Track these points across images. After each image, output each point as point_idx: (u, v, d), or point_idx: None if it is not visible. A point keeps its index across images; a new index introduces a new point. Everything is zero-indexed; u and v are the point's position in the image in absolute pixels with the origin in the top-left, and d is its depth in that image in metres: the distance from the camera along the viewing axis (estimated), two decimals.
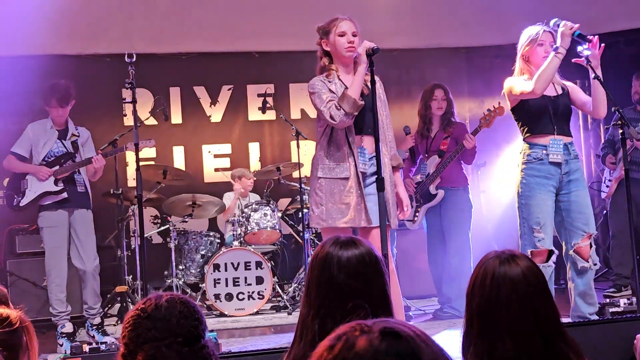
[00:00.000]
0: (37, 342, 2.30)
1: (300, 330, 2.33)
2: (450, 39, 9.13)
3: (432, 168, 6.67)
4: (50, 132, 6.53)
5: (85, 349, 4.82)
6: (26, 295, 7.35)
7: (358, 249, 2.34)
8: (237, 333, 6.57)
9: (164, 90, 8.78)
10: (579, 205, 5.24)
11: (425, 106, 6.80)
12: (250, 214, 7.58)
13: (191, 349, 2.02)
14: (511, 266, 2.17)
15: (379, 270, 2.35)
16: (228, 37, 8.60)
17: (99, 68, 8.47)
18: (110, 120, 8.32)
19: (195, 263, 7.68)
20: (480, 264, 2.23)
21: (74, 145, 6.58)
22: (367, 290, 2.30)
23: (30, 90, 8.22)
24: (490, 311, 2.14)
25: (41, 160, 6.46)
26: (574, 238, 5.25)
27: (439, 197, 6.64)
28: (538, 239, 5.20)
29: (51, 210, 6.41)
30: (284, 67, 8.98)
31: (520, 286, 2.14)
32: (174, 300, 2.08)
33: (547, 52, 5.17)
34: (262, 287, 7.32)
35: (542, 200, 5.21)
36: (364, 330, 1.25)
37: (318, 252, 2.38)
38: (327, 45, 4.86)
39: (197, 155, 9.06)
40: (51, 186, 6.40)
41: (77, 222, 6.47)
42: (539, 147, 5.24)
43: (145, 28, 8.31)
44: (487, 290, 2.16)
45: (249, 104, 9.15)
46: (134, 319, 2.05)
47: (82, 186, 6.56)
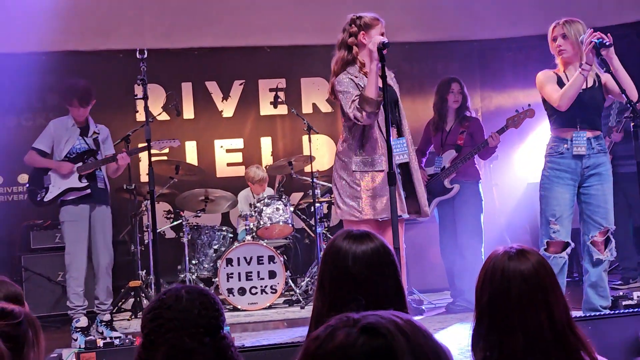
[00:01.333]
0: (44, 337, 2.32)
1: (315, 324, 2.34)
2: (461, 32, 9.11)
3: (447, 162, 6.67)
4: (72, 130, 6.61)
5: (99, 344, 4.85)
6: (41, 290, 7.42)
7: (373, 242, 2.36)
8: (250, 327, 6.60)
9: (176, 85, 8.80)
10: (598, 200, 5.28)
11: (441, 99, 6.80)
12: (262, 208, 7.60)
13: (213, 339, 2.04)
14: (521, 261, 2.17)
15: (393, 262, 2.38)
16: (239, 32, 8.60)
17: (111, 64, 8.50)
18: (122, 116, 8.34)
19: (208, 257, 7.71)
20: (489, 260, 2.23)
21: (96, 142, 6.66)
22: (382, 281, 2.32)
23: (44, 86, 8.31)
24: (500, 306, 2.14)
25: (63, 157, 6.54)
26: (592, 231, 5.29)
27: (454, 191, 6.64)
28: (553, 230, 5.24)
29: (74, 205, 6.49)
30: (295, 62, 8.98)
31: (531, 280, 2.14)
32: (194, 291, 2.10)
33: (560, 45, 5.20)
34: (275, 281, 7.34)
35: (560, 194, 5.25)
36: (348, 324, 1.25)
37: (331, 245, 2.39)
38: (365, 38, 4.85)
39: (210, 150, 9.07)
40: (76, 182, 6.48)
41: (97, 218, 6.55)
42: (561, 140, 5.28)
43: (157, 23, 8.34)
44: (496, 285, 2.16)
45: (261, 99, 9.16)
46: (155, 310, 2.07)
47: (102, 182, 6.64)
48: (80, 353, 4.83)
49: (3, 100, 8.25)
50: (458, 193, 6.65)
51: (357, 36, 4.89)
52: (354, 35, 4.90)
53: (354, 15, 4.95)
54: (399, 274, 2.37)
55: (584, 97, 5.24)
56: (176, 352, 2.01)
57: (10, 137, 8.16)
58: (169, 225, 8.17)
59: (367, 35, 4.85)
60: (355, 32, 4.90)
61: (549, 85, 5.30)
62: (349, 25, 4.93)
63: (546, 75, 5.37)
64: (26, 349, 2.25)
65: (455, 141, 6.68)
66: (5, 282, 2.63)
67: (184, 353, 2.01)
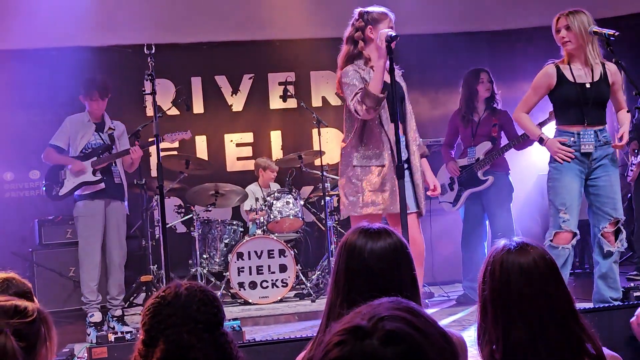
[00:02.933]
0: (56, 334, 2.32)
1: (327, 316, 2.36)
2: (472, 23, 9.07)
3: (481, 154, 6.66)
4: (87, 125, 6.65)
5: (110, 339, 4.87)
6: (52, 285, 7.45)
7: (390, 238, 2.38)
8: (262, 321, 6.61)
9: (185, 80, 8.81)
10: (607, 190, 5.26)
11: (470, 90, 6.77)
12: (272, 202, 7.60)
13: (212, 335, 2.06)
14: (520, 254, 2.18)
15: (409, 257, 2.39)
16: (248, 26, 8.61)
17: (120, 59, 8.52)
18: (132, 111, 8.37)
19: (219, 252, 7.72)
20: (490, 254, 2.25)
21: (111, 138, 6.69)
22: (398, 276, 2.34)
23: (54, 82, 8.32)
24: (502, 299, 2.16)
25: (79, 152, 6.57)
26: (601, 222, 5.27)
27: (488, 183, 6.64)
28: (563, 219, 5.23)
29: (88, 200, 6.52)
30: (304, 55, 8.96)
31: (531, 273, 2.15)
32: (193, 288, 2.11)
33: (563, 37, 5.19)
34: (286, 274, 7.35)
35: (569, 183, 5.25)
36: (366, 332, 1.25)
37: (347, 240, 2.40)
38: (372, 33, 4.83)
39: (220, 145, 9.08)
40: (89, 177, 6.51)
41: (112, 214, 6.58)
42: (568, 134, 5.26)
43: (167, 18, 8.35)
44: (497, 278, 2.18)
45: (270, 93, 9.16)
46: (154, 306, 2.08)
47: (118, 178, 6.67)
48: (92, 348, 4.85)
49: (13, 96, 8.28)
50: (491, 184, 6.65)
51: (364, 31, 4.87)
52: (361, 30, 4.87)
53: (361, 10, 4.93)
54: (413, 267, 2.39)
55: (590, 93, 5.21)
56: (175, 348, 2.02)
57: (20, 133, 8.19)
58: (179, 220, 8.19)
59: (374, 30, 4.82)
60: (362, 27, 4.87)
61: (530, 94, 5.40)
62: (357, 20, 4.91)
63: (540, 77, 5.37)
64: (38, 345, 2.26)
65: (489, 133, 6.68)
66: (14, 279, 2.64)
67: (183, 349, 2.02)
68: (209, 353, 2.04)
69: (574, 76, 5.22)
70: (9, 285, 2.59)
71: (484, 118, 6.73)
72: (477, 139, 6.70)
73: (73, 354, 5.25)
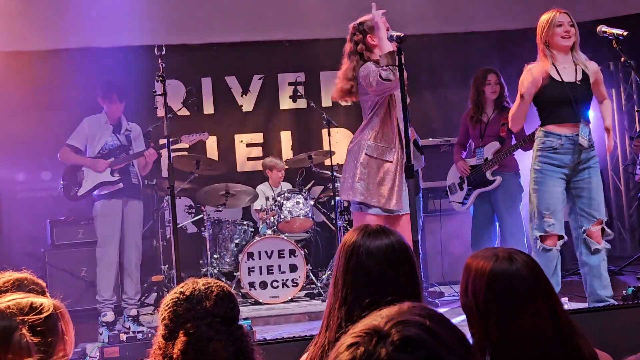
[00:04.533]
0: (73, 329, 2.36)
1: (327, 319, 2.34)
2: (480, 23, 9.07)
3: (490, 154, 6.65)
4: (105, 127, 6.72)
5: (122, 338, 4.90)
6: (64, 285, 7.46)
7: (388, 238, 2.36)
8: (272, 320, 6.63)
9: (195, 80, 8.83)
10: (590, 192, 5.27)
11: (477, 92, 6.77)
12: (282, 202, 7.62)
13: (229, 329, 2.14)
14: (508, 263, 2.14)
15: (409, 258, 2.36)
16: (258, 26, 8.63)
17: (131, 60, 8.54)
18: (143, 112, 8.37)
19: (229, 252, 7.74)
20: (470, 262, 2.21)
21: (128, 139, 6.75)
22: (397, 276, 2.31)
23: (65, 83, 8.36)
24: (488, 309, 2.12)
25: (97, 153, 6.64)
26: (584, 224, 5.27)
27: (496, 183, 6.61)
28: (548, 224, 5.23)
29: (106, 200, 6.57)
30: (314, 55, 8.98)
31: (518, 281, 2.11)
32: (209, 284, 2.20)
33: (567, 30, 5.20)
34: (296, 274, 7.37)
35: (553, 187, 5.27)
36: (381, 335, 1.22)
37: (346, 241, 2.39)
38: (374, 40, 4.93)
39: (230, 145, 9.10)
40: (108, 177, 6.58)
41: (129, 213, 6.65)
42: (555, 136, 5.26)
43: (177, 19, 8.39)
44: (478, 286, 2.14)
45: (280, 93, 9.17)
46: (173, 301, 2.16)
47: (136, 178, 6.75)
48: (104, 347, 4.89)
49: (25, 97, 8.32)
50: (500, 185, 6.64)
51: (365, 41, 4.98)
52: (362, 42, 4.99)
53: (354, 23, 5.04)
54: (415, 270, 2.36)
55: (578, 91, 5.22)
56: (196, 340, 2.09)
57: (32, 134, 8.22)
58: (190, 220, 8.22)
59: (374, 36, 4.93)
60: (361, 39, 4.99)
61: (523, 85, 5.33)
62: (354, 35, 5.03)
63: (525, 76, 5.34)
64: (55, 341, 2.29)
65: (497, 132, 6.66)
66: (26, 279, 2.67)
67: (203, 341, 2.09)
68: (227, 345, 2.12)
69: (560, 75, 5.24)
70: (22, 284, 2.62)
71: (492, 118, 6.72)
72: (486, 139, 6.69)
73: (85, 353, 5.29)
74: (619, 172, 9.25)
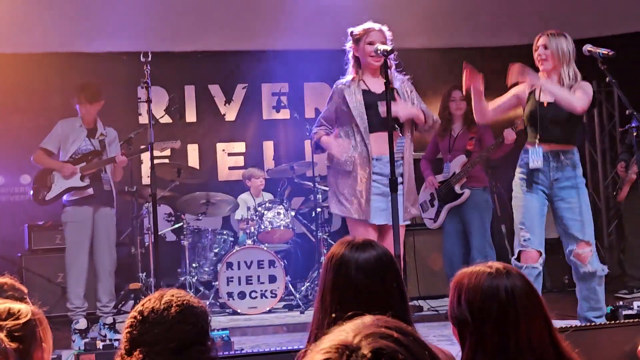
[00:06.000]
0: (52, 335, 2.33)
1: (315, 335, 2.32)
2: (465, 39, 9.11)
3: (457, 168, 6.65)
4: (79, 130, 6.64)
5: (98, 346, 4.85)
6: (41, 291, 7.38)
7: (375, 250, 2.36)
8: (250, 331, 6.60)
9: (179, 88, 8.81)
10: (572, 213, 5.25)
11: (444, 107, 6.82)
12: (263, 212, 7.60)
13: (183, 355, 2.08)
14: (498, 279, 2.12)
15: (396, 270, 2.37)
16: (243, 35, 8.61)
17: (115, 66, 8.51)
18: (125, 118, 8.36)
19: (208, 261, 7.70)
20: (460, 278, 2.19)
21: (102, 144, 6.67)
22: (384, 289, 2.32)
23: (48, 87, 8.33)
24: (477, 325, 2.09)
25: (69, 157, 6.57)
26: (570, 244, 5.27)
27: (464, 196, 6.62)
28: (524, 238, 5.23)
29: (76, 206, 6.50)
30: (298, 66, 8.97)
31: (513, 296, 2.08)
32: (171, 302, 2.13)
33: (540, 54, 5.25)
34: (275, 285, 7.34)
35: (529, 202, 5.27)
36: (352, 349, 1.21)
37: (332, 255, 2.37)
38: (357, 52, 5.06)
39: (212, 154, 9.08)
40: (77, 182, 6.50)
41: (100, 220, 6.57)
42: (524, 152, 5.31)
43: (162, 26, 8.35)
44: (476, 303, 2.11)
45: (264, 103, 9.16)
46: (131, 321, 2.13)
47: (108, 185, 6.67)
48: (80, 355, 4.83)
49: (6, 100, 8.26)
50: (469, 199, 6.63)
51: (351, 51, 5.13)
52: (349, 51, 5.14)
53: (350, 30, 5.13)
54: (401, 281, 2.37)
55: (546, 112, 5.24)
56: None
57: (12, 137, 8.16)
58: (169, 228, 8.17)
59: (357, 48, 5.06)
60: (351, 47, 5.13)
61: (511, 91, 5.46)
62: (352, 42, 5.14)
63: (515, 89, 5.44)
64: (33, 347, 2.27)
65: (465, 146, 6.67)
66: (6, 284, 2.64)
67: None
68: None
69: (540, 95, 5.27)
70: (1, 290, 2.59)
71: (461, 133, 6.75)
72: (454, 154, 6.72)
73: None
74: (599, 191, 9.29)
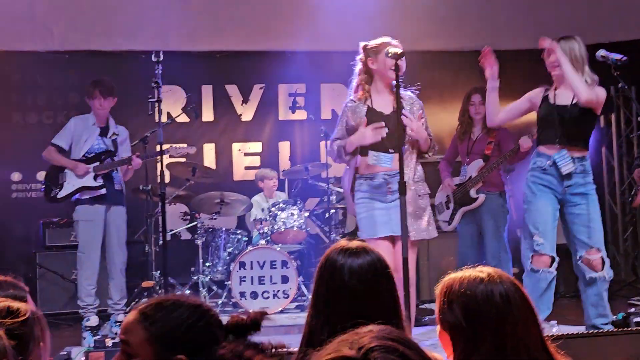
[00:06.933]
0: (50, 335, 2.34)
1: (307, 340, 2.31)
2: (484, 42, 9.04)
3: (474, 172, 6.61)
4: (92, 129, 6.68)
5: (108, 343, 4.88)
6: (54, 287, 7.47)
7: (369, 255, 2.35)
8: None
9: (196, 87, 8.84)
10: (583, 219, 5.23)
11: (463, 110, 6.79)
12: (277, 212, 7.60)
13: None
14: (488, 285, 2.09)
15: (389, 275, 2.37)
16: (261, 36, 8.63)
17: (133, 65, 8.53)
18: (143, 117, 8.34)
19: (221, 260, 7.71)
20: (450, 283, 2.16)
21: (114, 144, 6.71)
22: (377, 294, 2.31)
23: (66, 85, 8.40)
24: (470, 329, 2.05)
25: (81, 155, 6.60)
26: (579, 251, 5.25)
27: (479, 201, 6.57)
28: (537, 243, 5.22)
29: (89, 205, 6.54)
30: (316, 67, 8.97)
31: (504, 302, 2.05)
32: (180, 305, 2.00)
33: (553, 61, 5.25)
34: (287, 286, 7.33)
35: (543, 207, 5.25)
36: None
37: (326, 260, 2.38)
38: (374, 64, 4.95)
39: (228, 153, 9.09)
40: (90, 181, 6.53)
41: (112, 219, 6.62)
42: (544, 157, 5.27)
43: (180, 26, 8.38)
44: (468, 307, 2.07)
45: (280, 103, 9.17)
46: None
47: (119, 184, 6.71)
48: (89, 352, 4.87)
49: (25, 97, 8.34)
50: (483, 204, 6.58)
51: (366, 63, 5.03)
52: (364, 63, 5.04)
53: (364, 44, 5.06)
54: (394, 287, 2.36)
55: (566, 114, 5.21)
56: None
57: (30, 134, 8.22)
58: (184, 227, 8.19)
59: (375, 60, 4.97)
60: (363, 60, 5.04)
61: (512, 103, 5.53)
62: (361, 55, 5.07)
63: (528, 94, 5.49)
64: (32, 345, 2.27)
65: (483, 151, 6.63)
66: (6, 282, 2.66)
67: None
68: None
69: (555, 98, 5.25)
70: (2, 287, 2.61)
71: (480, 137, 6.70)
72: (472, 157, 6.68)
73: (70, 357, 5.26)
74: (616, 197, 9.22)
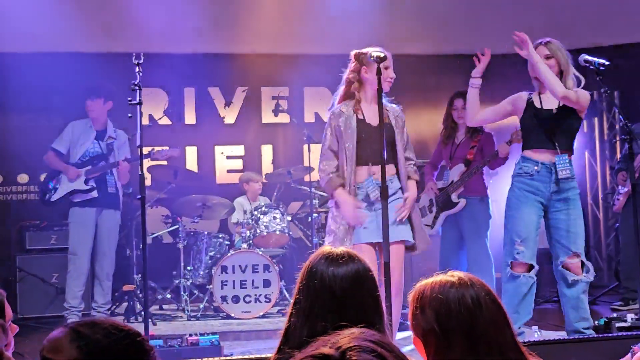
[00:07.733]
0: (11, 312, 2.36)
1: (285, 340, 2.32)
2: (467, 46, 9.06)
3: (456, 176, 6.61)
4: (88, 132, 6.72)
5: None
6: (35, 291, 7.41)
7: (353, 262, 2.36)
8: (243, 336, 6.57)
9: (178, 90, 8.80)
10: (566, 224, 5.22)
11: (447, 114, 6.79)
12: (259, 216, 7.58)
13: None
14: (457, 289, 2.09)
15: (373, 279, 2.37)
16: (244, 38, 8.60)
17: (115, 66, 8.47)
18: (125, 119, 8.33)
19: (203, 264, 7.67)
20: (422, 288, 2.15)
21: (109, 147, 6.71)
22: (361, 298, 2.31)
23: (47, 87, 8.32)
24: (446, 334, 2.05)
25: (77, 159, 6.64)
26: (560, 256, 5.24)
27: (460, 205, 6.56)
28: (517, 251, 5.20)
29: (80, 207, 6.57)
30: (299, 70, 8.95)
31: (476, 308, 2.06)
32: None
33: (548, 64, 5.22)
34: (269, 290, 7.31)
35: (527, 215, 5.22)
36: None
37: (310, 265, 2.37)
38: (367, 73, 4.88)
39: (210, 156, 9.06)
40: (80, 185, 6.59)
41: (104, 222, 6.66)
42: (532, 162, 5.23)
43: (163, 28, 8.33)
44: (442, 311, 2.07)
45: (263, 107, 9.15)
46: None
47: (113, 187, 6.74)
48: None
49: (7, 101, 8.26)
50: (465, 209, 6.58)
51: (359, 72, 4.93)
52: (356, 71, 4.94)
53: (357, 52, 4.97)
54: (377, 290, 2.36)
55: (552, 118, 5.21)
56: None
57: (10, 137, 8.16)
58: (165, 230, 8.15)
59: (369, 70, 4.88)
60: (357, 69, 4.94)
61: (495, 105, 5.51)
62: (353, 62, 4.97)
63: (511, 97, 5.48)
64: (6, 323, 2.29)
65: (465, 155, 6.63)
66: None
67: None
68: None
69: (541, 102, 5.24)
70: None
71: (463, 141, 6.70)
72: (454, 161, 6.68)
73: None
74: (599, 201, 9.25)
